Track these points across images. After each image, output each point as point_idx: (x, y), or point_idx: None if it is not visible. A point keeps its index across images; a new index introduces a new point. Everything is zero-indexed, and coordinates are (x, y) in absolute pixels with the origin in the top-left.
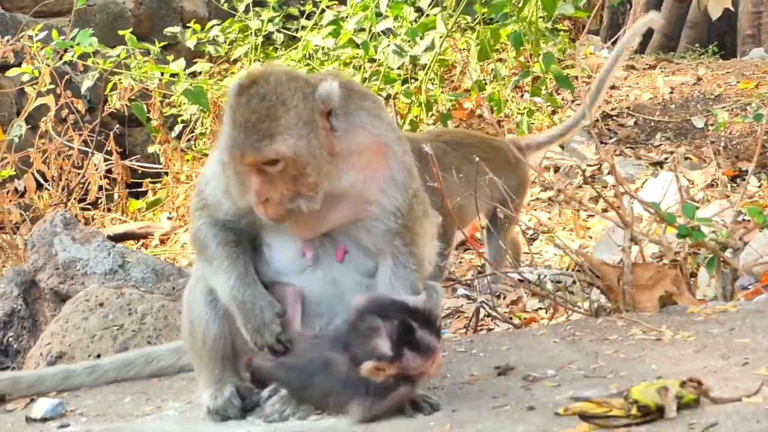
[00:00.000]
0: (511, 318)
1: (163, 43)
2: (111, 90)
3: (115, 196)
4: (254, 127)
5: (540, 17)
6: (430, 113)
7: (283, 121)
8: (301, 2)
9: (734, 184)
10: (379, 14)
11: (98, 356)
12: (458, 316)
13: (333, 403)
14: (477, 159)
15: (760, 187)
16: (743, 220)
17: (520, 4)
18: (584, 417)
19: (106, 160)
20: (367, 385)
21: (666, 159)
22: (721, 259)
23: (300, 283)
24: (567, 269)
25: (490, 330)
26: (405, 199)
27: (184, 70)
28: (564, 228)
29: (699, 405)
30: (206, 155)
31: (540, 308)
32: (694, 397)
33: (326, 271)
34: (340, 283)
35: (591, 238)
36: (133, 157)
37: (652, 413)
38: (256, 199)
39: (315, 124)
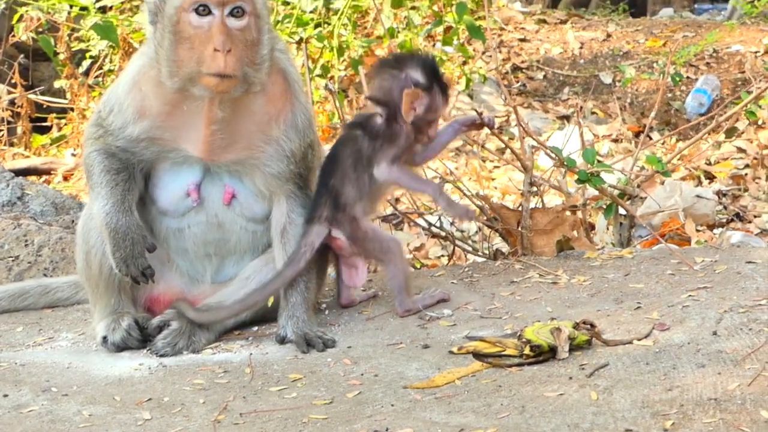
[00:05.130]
0: (413, 264)
1: None
2: (18, 20)
3: (19, 130)
4: None
5: None
6: (341, 59)
7: None
8: None
9: (638, 140)
10: None
11: None
12: None
13: None
14: None
15: (663, 143)
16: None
17: None
18: (478, 356)
19: (9, 93)
20: None
21: (573, 113)
22: (619, 206)
23: (182, 225)
24: None
25: None
26: (301, 146)
27: (94, 3)
28: (470, 178)
29: (591, 346)
30: None
31: (442, 255)
32: (587, 338)
33: (211, 213)
34: (225, 227)
35: (496, 189)
36: (37, 89)
37: (545, 353)
38: (222, 46)
39: (268, 10)
